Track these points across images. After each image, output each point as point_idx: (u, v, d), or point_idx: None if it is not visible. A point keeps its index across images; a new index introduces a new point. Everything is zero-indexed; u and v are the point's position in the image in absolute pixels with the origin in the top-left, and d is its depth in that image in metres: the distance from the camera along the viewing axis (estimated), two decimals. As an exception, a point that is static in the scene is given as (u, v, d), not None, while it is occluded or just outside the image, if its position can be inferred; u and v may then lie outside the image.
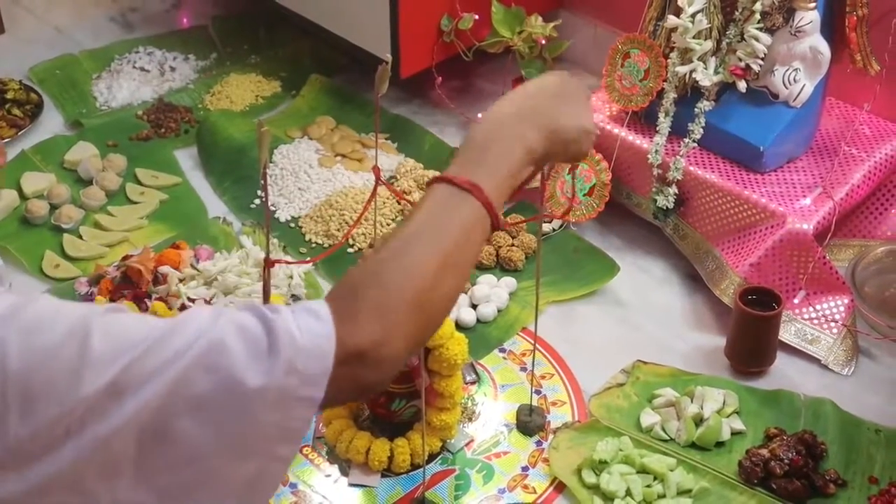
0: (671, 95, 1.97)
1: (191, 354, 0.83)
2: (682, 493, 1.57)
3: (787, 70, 1.88)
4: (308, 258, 2.01)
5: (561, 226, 2.09)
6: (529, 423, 1.70)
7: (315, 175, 2.22)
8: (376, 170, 1.74)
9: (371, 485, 1.61)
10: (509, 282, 1.97)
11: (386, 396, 1.61)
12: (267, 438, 0.87)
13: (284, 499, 1.59)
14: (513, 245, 2.03)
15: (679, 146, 1.96)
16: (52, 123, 2.44)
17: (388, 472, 1.63)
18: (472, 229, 0.98)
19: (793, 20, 1.84)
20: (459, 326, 1.85)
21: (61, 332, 0.83)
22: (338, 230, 2.07)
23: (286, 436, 0.88)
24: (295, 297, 1.93)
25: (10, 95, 2.44)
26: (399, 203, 2.13)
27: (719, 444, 1.65)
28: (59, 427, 0.81)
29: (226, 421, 0.84)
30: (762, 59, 1.89)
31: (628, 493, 1.56)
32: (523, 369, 1.81)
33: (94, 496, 0.83)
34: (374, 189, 1.76)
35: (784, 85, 1.89)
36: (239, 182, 2.24)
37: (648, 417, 1.69)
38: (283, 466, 0.90)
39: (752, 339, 1.77)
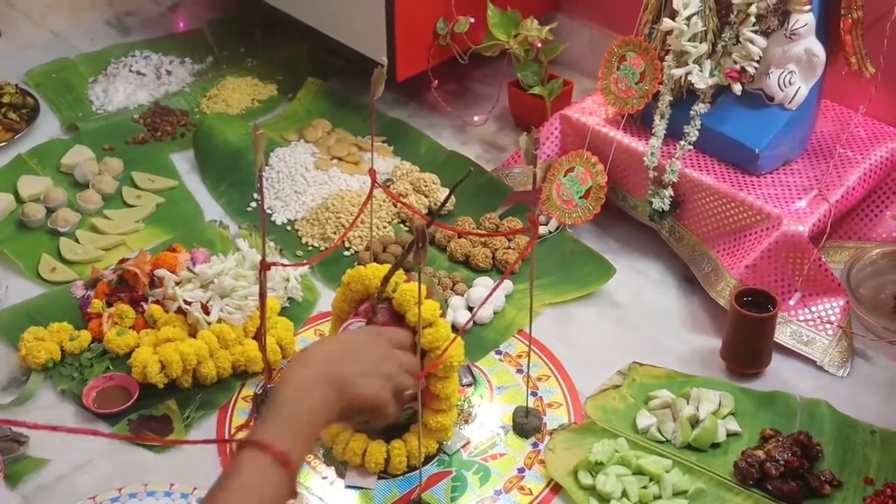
0: (667, 98, 1.97)
1: None
2: (678, 494, 1.57)
3: (782, 72, 1.89)
4: (304, 261, 2.01)
5: (557, 228, 2.09)
6: (526, 424, 1.70)
7: (311, 178, 2.23)
8: (372, 173, 1.75)
9: (367, 487, 1.61)
10: (505, 284, 1.97)
11: (382, 399, 1.61)
12: None
13: (281, 501, 1.59)
14: (509, 248, 2.03)
15: (675, 148, 1.96)
16: (48, 127, 2.44)
17: (384, 474, 1.63)
18: (278, 501, 1.07)
19: (788, 23, 1.84)
20: (456, 329, 1.85)
21: None
22: (334, 233, 2.07)
23: None
24: (291, 300, 1.93)
25: (6, 99, 2.44)
26: (395, 206, 2.13)
27: (715, 446, 1.65)
28: None
29: None
30: (757, 61, 1.89)
31: (624, 494, 1.56)
32: (519, 371, 1.81)
33: None
34: (370, 192, 1.76)
35: (779, 87, 1.90)
36: (235, 185, 2.24)
37: (644, 419, 1.69)
38: None
39: (747, 341, 1.78)
